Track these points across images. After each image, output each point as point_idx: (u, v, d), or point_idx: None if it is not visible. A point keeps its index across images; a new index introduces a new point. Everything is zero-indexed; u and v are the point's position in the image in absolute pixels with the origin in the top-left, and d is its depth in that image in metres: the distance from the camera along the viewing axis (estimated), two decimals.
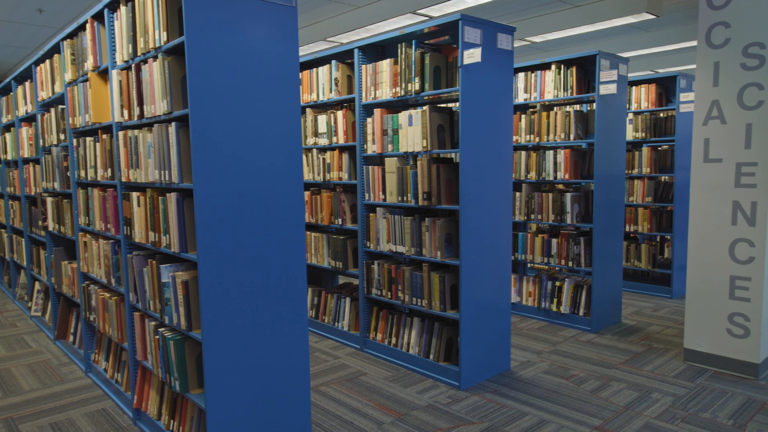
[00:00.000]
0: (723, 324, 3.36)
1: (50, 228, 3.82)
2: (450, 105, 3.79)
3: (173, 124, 2.11)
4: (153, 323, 2.50)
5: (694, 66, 8.35)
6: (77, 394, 3.19)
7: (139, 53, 2.35)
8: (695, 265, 3.46)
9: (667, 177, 5.22)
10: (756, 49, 3.13)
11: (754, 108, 3.16)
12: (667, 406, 2.92)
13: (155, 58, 2.21)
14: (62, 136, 3.47)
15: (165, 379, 2.36)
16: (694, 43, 4.62)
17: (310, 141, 4.10)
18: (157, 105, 2.23)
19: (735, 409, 2.88)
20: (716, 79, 3.30)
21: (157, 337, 2.40)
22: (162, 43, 2.16)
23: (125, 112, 2.52)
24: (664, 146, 5.20)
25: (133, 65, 2.38)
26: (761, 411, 2.84)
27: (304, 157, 4.20)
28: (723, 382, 3.22)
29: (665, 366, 3.50)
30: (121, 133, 2.57)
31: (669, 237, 5.40)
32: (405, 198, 3.38)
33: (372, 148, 3.59)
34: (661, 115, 5.19)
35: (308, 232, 4.23)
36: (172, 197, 2.19)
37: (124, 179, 2.60)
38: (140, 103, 2.37)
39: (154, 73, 2.22)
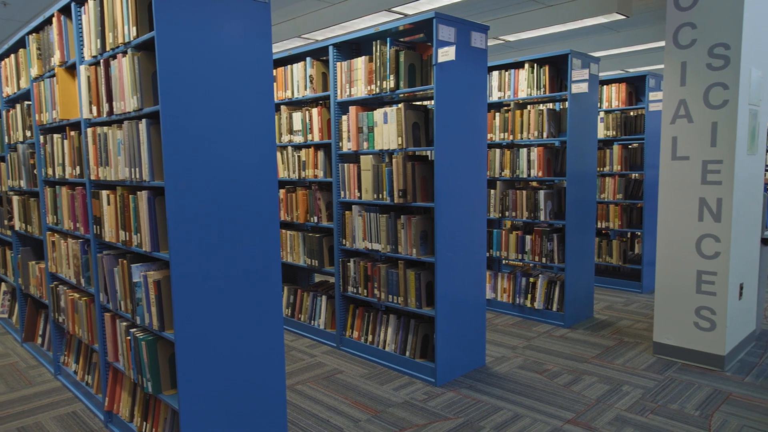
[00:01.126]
0: (690, 317, 3.45)
1: (17, 227, 3.72)
2: (425, 103, 3.81)
3: (144, 120, 2.08)
4: (124, 324, 2.45)
5: (662, 66, 8.53)
6: (46, 397, 3.11)
7: (107, 48, 2.30)
8: (664, 260, 3.55)
9: (637, 174, 5.33)
10: (721, 49, 3.22)
11: (719, 107, 3.25)
12: (637, 399, 2.99)
13: (125, 53, 2.17)
14: (28, 133, 3.37)
15: (137, 380, 2.32)
16: (663, 43, 4.72)
17: (285, 138, 4.07)
18: (127, 101, 2.18)
19: (702, 400, 2.96)
20: (683, 79, 3.38)
21: (129, 337, 2.36)
22: (131, 39, 2.12)
23: (94, 109, 2.46)
24: (634, 144, 5.31)
25: (101, 61, 2.33)
26: (727, 401, 2.93)
27: (279, 154, 4.17)
28: (690, 374, 3.31)
29: (635, 359, 3.58)
30: (89, 130, 2.52)
31: (639, 233, 5.52)
32: (380, 196, 3.38)
33: (347, 146, 3.58)
34: (631, 113, 5.29)
35: (284, 231, 4.20)
36: (143, 195, 2.15)
37: (93, 177, 2.55)
38: (109, 100, 2.32)
39: (124, 68, 2.17)
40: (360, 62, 3.44)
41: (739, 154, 3.26)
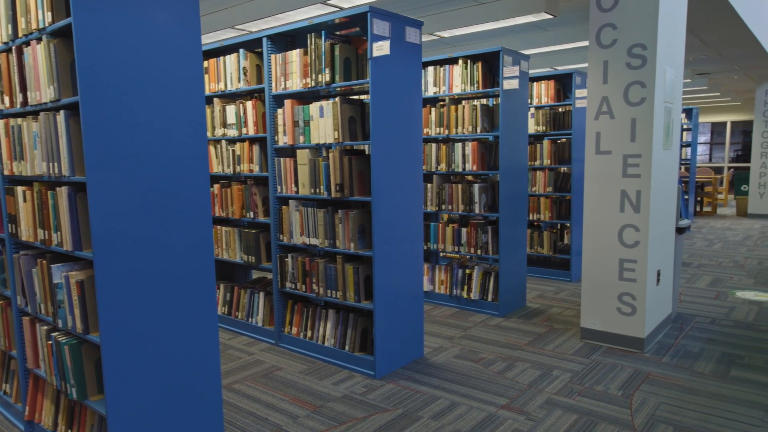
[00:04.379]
0: (614, 303, 3.65)
1: None
2: (362, 97, 3.81)
3: (62, 112, 1.96)
4: (45, 328, 2.31)
5: (587, 64, 8.95)
6: None
7: (20, 35, 2.15)
8: (589, 249, 3.74)
9: (565, 168, 5.57)
10: (639, 49, 3.41)
11: (638, 104, 3.45)
12: (565, 382, 3.13)
13: (39, 40, 2.03)
14: None
15: (60, 386, 2.20)
16: (588, 42, 4.94)
17: (219, 132, 3.96)
18: (43, 91, 2.05)
19: (624, 380, 3.15)
20: (605, 77, 3.56)
21: (50, 342, 2.23)
22: (46, 24, 1.99)
23: (6, 99, 2.30)
24: (563, 139, 5.55)
25: (13, 47, 2.17)
26: (646, 381, 3.13)
27: (212, 148, 4.05)
28: (614, 357, 3.51)
29: (565, 345, 3.75)
30: (1, 122, 2.35)
31: (568, 224, 5.78)
32: (318, 190, 3.36)
33: (283, 140, 3.53)
34: (560, 109, 5.52)
35: (219, 227, 4.09)
36: (62, 191, 2.03)
37: (6, 172, 2.38)
38: (23, 90, 2.17)
39: (39, 56, 2.04)
40: (295, 55, 3.39)
41: (656, 149, 3.48)
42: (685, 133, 10.05)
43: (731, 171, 14.29)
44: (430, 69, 4.64)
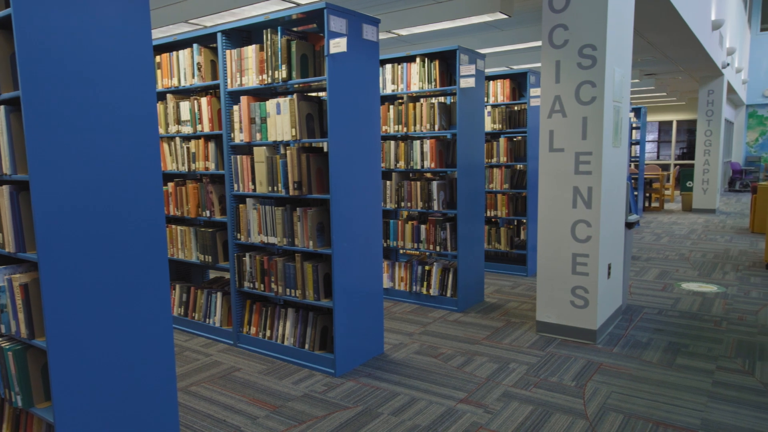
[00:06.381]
0: (567, 297, 3.76)
1: None
2: (319, 94, 3.78)
3: (2, 107, 1.87)
4: None
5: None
6: None
7: None
8: (544, 245, 3.83)
9: (521, 165, 5.69)
10: (589, 50, 3.51)
11: (589, 103, 3.55)
12: (522, 375, 3.21)
13: None
14: None
15: (4, 394, 2.10)
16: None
17: (173, 129, 3.86)
18: None
19: (577, 371, 3.25)
20: (558, 77, 3.65)
21: None
22: None
23: None
24: (518, 137, 5.66)
25: None
26: (598, 371, 3.24)
27: (166, 145, 3.95)
28: (568, 349, 3.61)
29: (521, 338, 3.84)
30: None
31: (524, 221, 5.91)
32: (275, 188, 3.32)
33: (240, 137, 3.47)
34: (515, 108, 5.64)
35: (174, 226, 3.99)
36: (4, 191, 1.94)
37: None
38: None
39: None
40: (251, 51, 3.34)
41: (606, 147, 3.59)
42: (634, 131, 10.44)
43: (677, 168, 14.92)
44: (389, 67, 4.66)
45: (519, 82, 5.65)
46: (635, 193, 10.00)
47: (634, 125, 10.35)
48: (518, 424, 2.63)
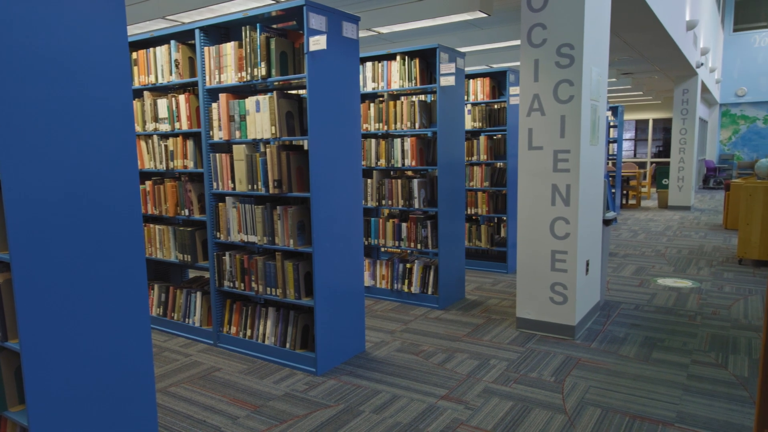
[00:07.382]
0: (546, 293, 3.80)
1: None
2: (299, 92, 3.76)
3: None
4: None
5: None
6: None
7: None
8: (523, 242, 3.87)
9: (501, 163, 5.73)
10: (567, 49, 3.55)
11: (567, 102, 3.60)
12: (502, 371, 3.24)
13: None
14: None
15: None
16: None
17: (150, 127, 3.80)
18: None
19: (556, 367, 3.29)
20: (536, 75, 3.69)
21: None
22: None
23: None
24: (498, 135, 5.71)
25: None
26: (577, 366, 3.29)
27: (143, 143, 3.89)
28: (547, 344, 3.66)
29: (501, 334, 3.87)
30: None
31: (504, 218, 5.96)
32: (255, 186, 3.29)
33: (219, 135, 3.44)
34: (495, 106, 5.68)
35: (152, 225, 3.94)
36: None
37: None
38: None
39: None
40: (229, 48, 3.31)
41: (584, 145, 3.64)
42: (611, 129, 10.59)
43: (653, 166, 15.20)
44: (369, 65, 4.65)
45: (498, 81, 5.69)
46: (612, 190, 10.16)
47: (611, 123, 10.50)
48: (498, 419, 2.65)
